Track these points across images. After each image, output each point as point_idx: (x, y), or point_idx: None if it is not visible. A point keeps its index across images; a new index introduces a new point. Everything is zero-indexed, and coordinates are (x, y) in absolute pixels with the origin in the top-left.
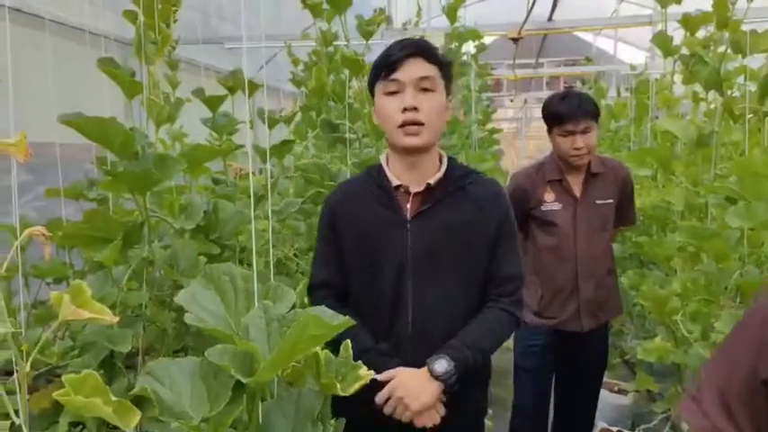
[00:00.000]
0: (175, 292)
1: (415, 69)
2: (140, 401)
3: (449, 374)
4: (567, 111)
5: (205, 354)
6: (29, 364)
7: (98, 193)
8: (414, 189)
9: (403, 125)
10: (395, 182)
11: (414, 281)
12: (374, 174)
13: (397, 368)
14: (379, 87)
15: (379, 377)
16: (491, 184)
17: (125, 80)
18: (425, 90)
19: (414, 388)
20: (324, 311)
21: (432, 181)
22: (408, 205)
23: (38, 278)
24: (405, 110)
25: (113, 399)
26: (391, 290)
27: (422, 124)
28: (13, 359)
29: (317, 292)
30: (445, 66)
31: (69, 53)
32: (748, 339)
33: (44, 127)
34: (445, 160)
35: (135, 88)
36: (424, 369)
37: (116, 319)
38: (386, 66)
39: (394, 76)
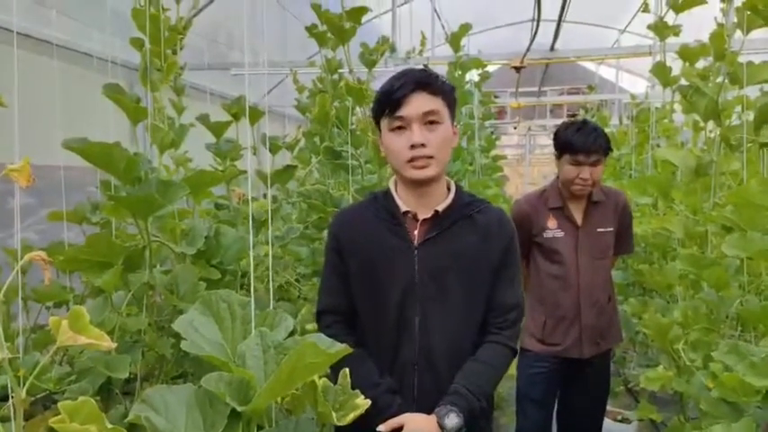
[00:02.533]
0: (175, 317)
1: (419, 104)
2: (136, 429)
3: (458, 427)
4: (581, 142)
5: (201, 381)
6: (25, 390)
7: (101, 217)
8: (422, 216)
9: (411, 160)
10: (403, 208)
11: (420, 306)
12: (381, 199)
13: (405, 416)
14: (385, 123)
15: (386, 426)
16: (497, 213)
17: (130, 106)
18: (431, 123)
19: None
20: (321, 339)
21: (440, 208)
22: (416, 231)
23: (38, 302)
24: (413, 146)
25: (109, 426)
26: (397, 315)
27: (431, 157)
28: (9, 385)
29: (324, 319)
30: (448, 94)
31: (76, 78)
32: None
33: (48, 150)
34: (453, 188)
35: (139, 114)
36: (434, 420)
37: (114, 345)
38: (390, 102)
39: (399, 113)
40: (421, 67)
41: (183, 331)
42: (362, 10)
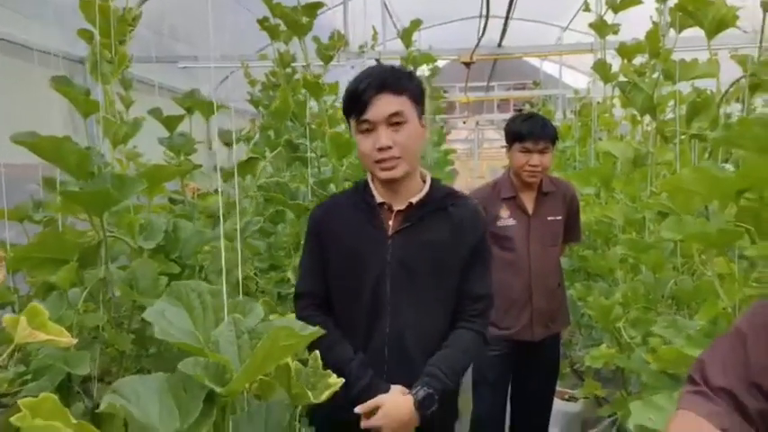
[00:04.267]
0: (134, 312)
1: (384, 107)
2: (99, 423)
3: (433, 405)
4: (528, 130)
5: (178, 366)
6: None
7: (45, 215)
8: (396, 207)
9: (379, 161)
10: (379, 199)
11: (391, 294)
12: (360, 190)
13: (381, 397)
14: (353, 124)
15: (363, 408)
16: (471, 207)
17: (80, 99)
18: (397, 123)
19: (403, 420)
20: (294, 322)
21: (414, 200)
22: (391, 222)
23: None
24: (380, 149)
25: (74, 421)
26: (370, 301)
27: (398, 158)
28: None
29: (301, 302)
30: (414, 91)
31: (14, 71)
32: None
33: None
34: (429, 180)
35: (90, 107)
36: (409, 400)
37: (74, 341)
38: (356, 105)
39: (365, 116)
40: (386, 63)
41: (153, 320)
42: (318, 5)
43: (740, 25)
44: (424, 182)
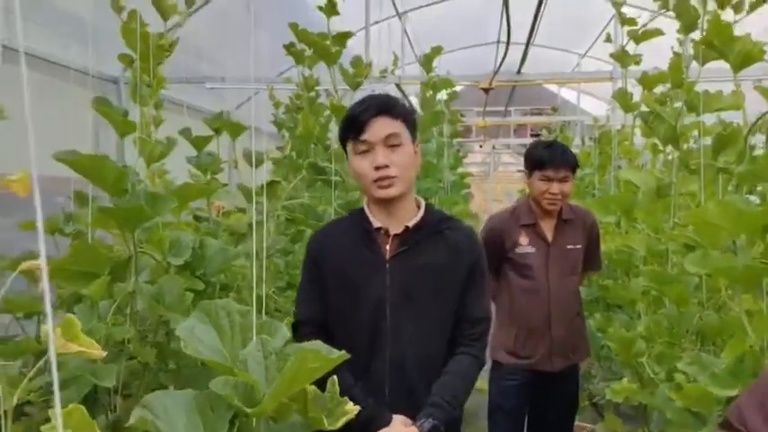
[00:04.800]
0: (159, 327)
1: (381, 129)
2: None
3: None
4: (549, 157)
5: (209, 385)
6: (15, 398)
7: (74, 228)
8: (393, 231)
9: (376, 180)
10: (376, 224)
11: (391, 318)
12: (356, 216)
13: (385, 430)
14: (350, 146)
15: None
16: (466, 230)
17: (118, 120)
18: (393, 146)
19: None
20: (321, 345)
21: (410, 224)
22: (388, 246)
23: (8, 313)
24: (377, 168)
25: None
26: (369, 326)
27: (394, 177)
28: None
29: (302, 329)
30: (408, 117)
31: (49, 89)
32: None
33: (10, 159)
34: (423, 205)
35: (128, 128)
36: (413, 430)
37: (104, 353)
38: (354, 127)
39: (363, 137)
40: (395, 89)
41: (184, 338)
42: (347, 35)
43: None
44: (419, 207)
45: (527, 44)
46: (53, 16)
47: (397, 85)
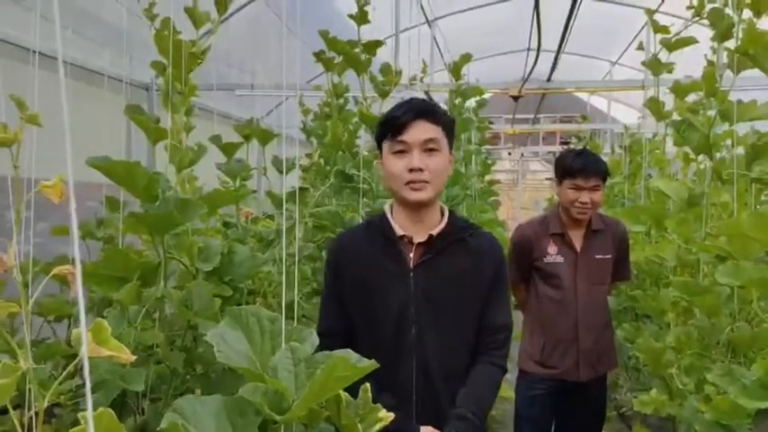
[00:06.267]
0: (187, 332)
1: (420, 132)
2: None
3: None
4: (580, 167)
5: (240, 391)
6: (47, 400)
7: (105, 233)
8: (417, 239)
9: (409, 183)
10: (399, 232)
11: (416, 327)
12: (376, 223)
13: None
14: (387, 146)
15: None
16: (488, 238)
17: (150, 126)
18: (431, 150)
19: None
20: (350, 354)
21: (434, 232)
22: (411, 254)
23: (40, 316)
24: (411, 170)
25: None
26: (394, 335)
27: (427, 182)
28: (30, 395)
29: (324, 340)
30: (448, 125)
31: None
32: None
33: (44, 164)
34: (447, 213)
35: (160, 135)
36: None
37: (133, 358)
38: (393, 127)
39: (401, 137)
40: (423, 96)
41: (215, 344)
42: (378, 43)
43: None
44: (442, 214)
45: (558, 51)
46: (86, 23)
47: (426, 93)
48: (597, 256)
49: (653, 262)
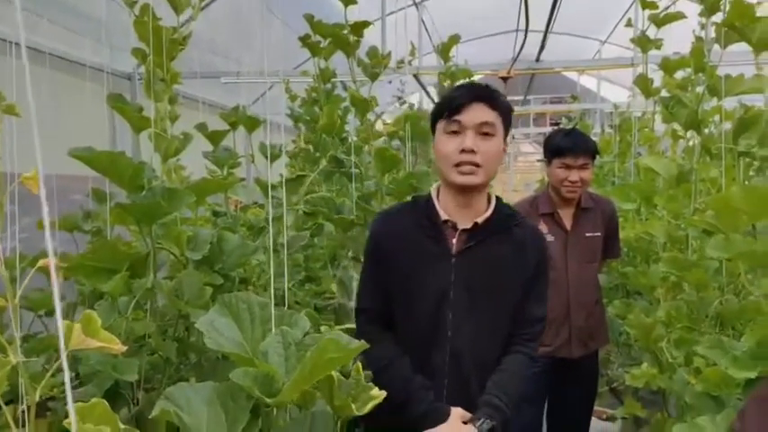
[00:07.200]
0: (179, 322)
1: (477, 114)
2: (142, 428)
3: None
4: (568, 145)
5: (230, 376)
6: (38, 393)
7: (93, 225)
8: (461, 225)
9: (459, 164)
10: (444, 216)
11: (453, 313)
12: (422, 206)
13: (441, 427)
14: (441, 126)
15: None
16: (533, 229)
17: (133, 116)
18: (485, 134)
19: None
20: (340, 335)
21: (479, 220)
22: (454, 240)
23: (30, 311)
24: (463, 151)
25: (122, 427)
26: (430, 320)
27: (478, 165)
28: (22, 389)
29: (361, 317)
30: (506, 112)
31: (64, 85)
32: None
33: (30, 158)
34: (494, 201)
35: (143, 123)
36: (468, 430)
37: (124, 348)
38: (449, 107)
39: (456, 117)
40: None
41: (204, 330)
42: (365, 24)
43: None
44: (489, 202)
45: (546, 31)
46: (64, 13)
47: (415, 76)
48: (587, 234)
49: (643, 239)
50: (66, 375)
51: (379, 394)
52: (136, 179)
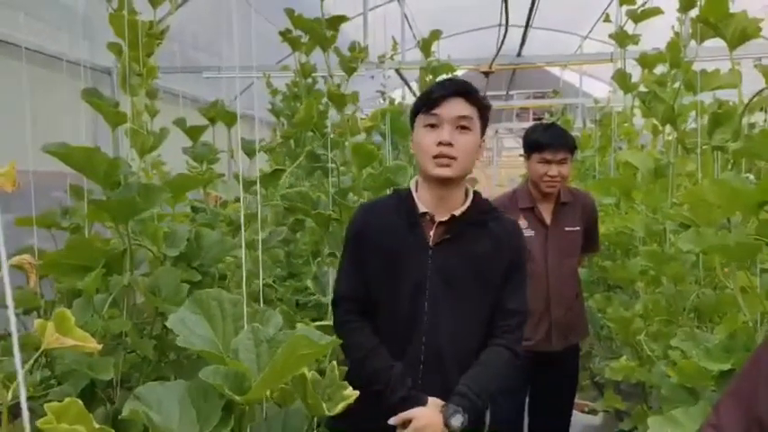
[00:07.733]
0: (156, 319)
1: (454, 108)
2: (120, 428)
3: (462, 424)
4: (547, 140)
5: (199, 374)
6: (10, 393)
7: (71, 222)
8: (439, 218)
9: (436, 156)
10: (422, 209)
11: (429, 304)
12: (402, 198)
13: (414, 411)
14: (420, 119)
15: (396, 420)
16: (509, 223)
17: (109, 111)
18: (462, 128)
19: None
20: (312, 331)
21: (457, 212)
22: (432, 232)
23: (5, 308)
24: (440, 144)
25: (97, 426)
26: (408, 311)
27: (454, 158)
28: None
29: (339, 306)
30: (483, 108)
31: (40, 81)
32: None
33: (8, 154)
34: (471, 195)
35: (119, 119)
36: (440, 418)
37: (99, 347)
38: (428, 101)
39: (434, 111)
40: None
41: (175, 328)
42: (342, 18)
43: (765, 35)
44: (466, 196)
45: (526, 26)
46: (40, 5)
47: (397, 71)
48: (567, 229)
49: (623, 233)
50: (20, 374)
51: (352, 394)
52: (111, 175)
